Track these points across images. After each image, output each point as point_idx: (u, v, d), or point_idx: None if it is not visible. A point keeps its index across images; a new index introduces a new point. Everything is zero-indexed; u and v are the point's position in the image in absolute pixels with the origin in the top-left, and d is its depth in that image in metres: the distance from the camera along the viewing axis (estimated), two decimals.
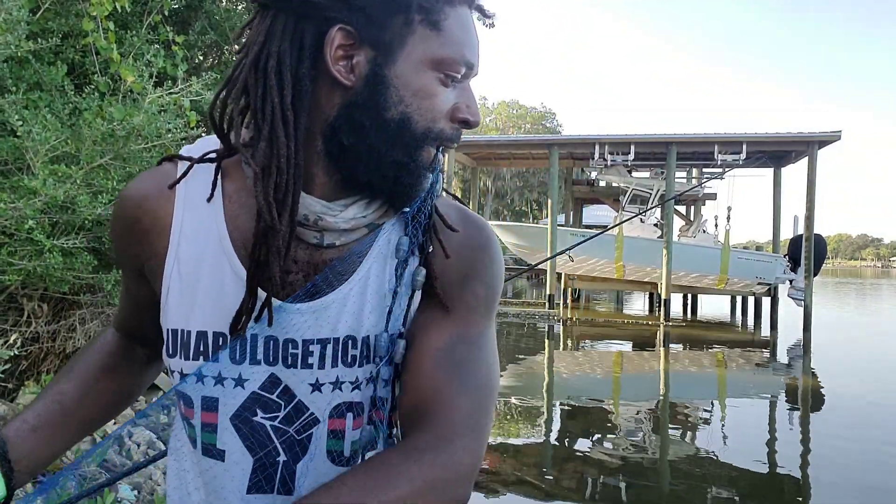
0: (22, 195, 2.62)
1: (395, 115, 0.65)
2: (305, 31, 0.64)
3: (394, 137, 0.65)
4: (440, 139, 0.68)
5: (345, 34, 0.64)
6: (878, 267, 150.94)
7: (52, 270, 2.89)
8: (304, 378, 0.71)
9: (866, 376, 9.88)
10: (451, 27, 0.66)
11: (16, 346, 2.96)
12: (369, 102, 0.65)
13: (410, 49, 0.65)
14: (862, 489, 5.05)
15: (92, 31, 2.96)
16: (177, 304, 0.70)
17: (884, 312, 23.17)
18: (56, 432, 0.80)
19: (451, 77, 0.67)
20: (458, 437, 0.64)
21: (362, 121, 0.65)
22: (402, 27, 0.64)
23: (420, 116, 0.66)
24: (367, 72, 0.64)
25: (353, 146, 0.66)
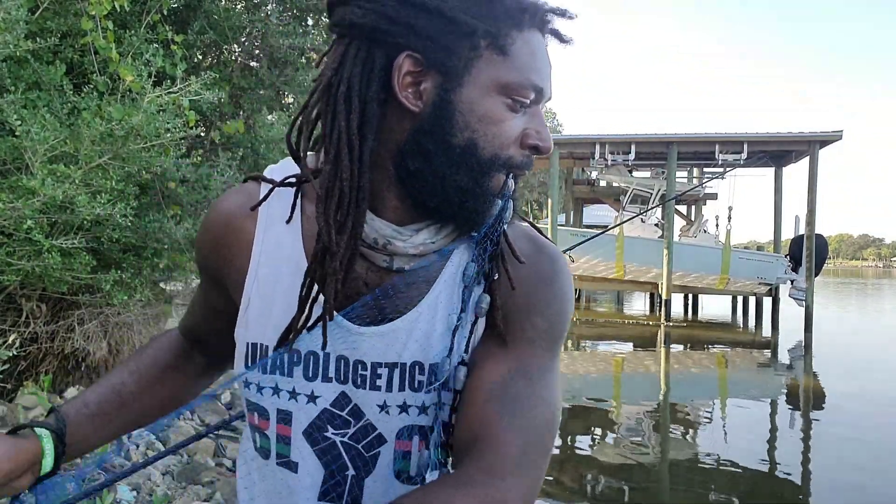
0: (20, 195, 2.61)
1: (461, 141, 0.65)
2: (375, 57, 0.65)
3: (459, 163, 0.65)
4: (509, 166, 0.68)
5: (413, 61, 0.64)
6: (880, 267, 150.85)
7: (50, 270, 2.88)
8: (372, 399, 0.72)
9: (867, 377, 9.87)
10: (518, 52, 0.66)
11: (14, 347, 2.95)
12: (436, 128, 0.65)
13: (477, 74, 0.65)
14: (862, 490, 5.04)
15: (91, 31, 2.95)
16: (256, 319, 0.73)
17: (885, 313, 23.15)
18: (110, 422, 0.84)
19: (520, 102, 0.66)
20: (509, 475, 0.63)
21: (428, 146, 0.65)
22: (468, 52, 0.64)
23: (486, 142, 0.66)
24: (434, 98, 0.65)
25: (420, 171, 0.66)
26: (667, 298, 15.11)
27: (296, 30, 4.42)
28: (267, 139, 4.01)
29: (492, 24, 0.64)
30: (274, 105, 4.55)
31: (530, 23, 0.67)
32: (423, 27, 0.63)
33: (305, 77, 4.39)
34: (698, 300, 19.04)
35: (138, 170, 3.06)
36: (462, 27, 0.63)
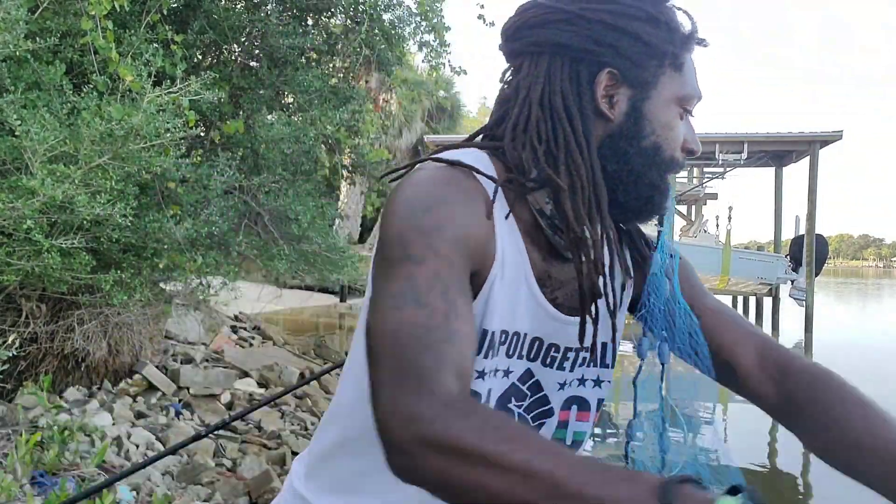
0: (20, 195, 2.61)
1: (649, 144, 0.78)
2: (581, 73, 0.77)
3: (650, 163, 0.78)
4: (677, 166, 0.81)
5: (611, 76, 0.77)
6: (880, 267, 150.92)
7: (50, 270, 2.88)
8: (555, 378, 0.83)
9: (868, 377, 9.87)
10: (688, 67, 0.80)
11: (14, 347, 2.95)
12: (630, 133, 0.77)
13: (661, 88, 0.78)
14: (862, 490, 5.04)
15: (90, 31, 2.95)
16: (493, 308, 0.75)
17: (886, 313, 23.15)
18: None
19: (687, 111, 0.81)
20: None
21: (626, 148, 0.77)
22: (656, 69, 0.78)
23: (667, 145, 0.79)
24: (626, 107, 0.77)
25: (617, 171, 0.78)
26: None
27: (296, 30, 4.42)
28: (267, 139, 4.01)
29: (673, 47, 0.78)
30: (274, 105, 4.55)
31: (693, 45, 0.81)
32: (624, 49, 0.76)
33: (305, 77, 4.39)
34: None
35: (138, 170, 3.05)
36: (655, 50, 0.77)
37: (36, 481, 2.71)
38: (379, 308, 0.64)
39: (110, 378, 4.25)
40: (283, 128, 3.94)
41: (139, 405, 4.15)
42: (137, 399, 4.23)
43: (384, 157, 5.55)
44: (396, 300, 0.63)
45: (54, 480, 2.73)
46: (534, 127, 0.76)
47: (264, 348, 6.90)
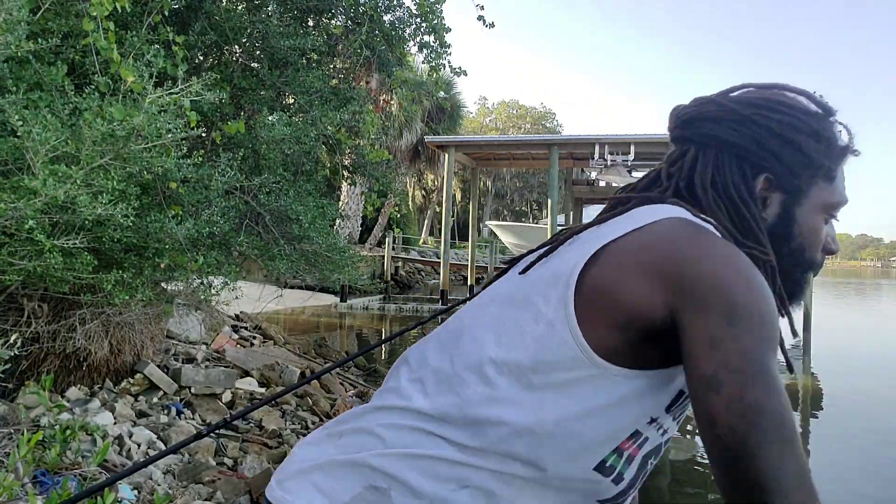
0: (22, 195, 2.61)
1: (795, 245, 0.85)
2: (745, 170, 0.84)
3: (795, 262, 0.86)
4: (817, 267, 0.88)
5: (767, 181, 0.84)
6: (878, 267, 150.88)
7: (52, 270, 2.89)
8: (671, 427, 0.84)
9: (866, 376, 9.88)
10: (839, 178, 0.86)
11: (16, 347, 2.96)
12: (779, 234, 0.84)
13: (812, 196, 0.84)
14: (862, 490, 5.05)
15: (92, 32, 2.95)
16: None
17: (884, 312, 23.16)
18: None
19: (833, 217, 0.87)
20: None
21: (777, 247, 0.84)
22: (808, 179, 0.84)
23: (810, 247, 0.86)
24: (777, 210, 0.84)
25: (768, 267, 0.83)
26: None
27: (296, 31, 4.43)
28: (267, 139, 4.01)
29: (829, 161, 0.84)
30: (275, 105, 4.56)
31: (847, 158, 0.86)
32: (785, 157, 0.83)
33: (306, 77, 4.40)
34: None
35: (140, 170, 3.06)
36: (813, 162, 0.83)
37: (38, 480, 2.72)
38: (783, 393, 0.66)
39: (112, 377, 4.26)
40: (283, 128, 3.95)
41: (140, 404, 4.16)
42: (139, 398, 4.25)
43: (385, 157, 5.56)
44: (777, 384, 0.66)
45: (56, 479, 2.74)
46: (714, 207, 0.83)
47: (265, 348, 6.91)
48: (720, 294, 0.68)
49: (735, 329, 0.66)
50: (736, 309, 0.67)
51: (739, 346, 0.66)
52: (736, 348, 0.66)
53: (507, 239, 18.56)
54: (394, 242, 23.90)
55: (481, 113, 45.51)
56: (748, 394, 0.64)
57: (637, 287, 0.72)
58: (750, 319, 0.67)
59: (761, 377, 0.65)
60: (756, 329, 0.67)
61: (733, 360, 0.65)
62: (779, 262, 0.83)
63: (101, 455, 2.96)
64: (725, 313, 0.67)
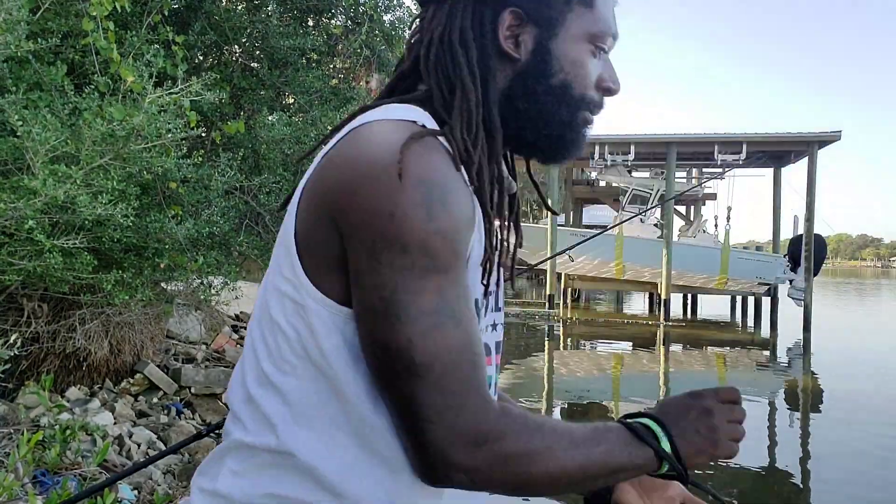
0: (22, 195, 2.61)
1: (558, 82, 0.76)
2: (483, 13, 0.75)
3: (560, 100, 0.77)
4: (591, 104, 0.80)
5: (514, 15, 0.75)
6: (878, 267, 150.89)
7: (52, 270, 2.88)
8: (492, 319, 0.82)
9: (866, 376, 9.88)
10: (600, 4, 0.78)
11: (16, 347, 2.95)
12: (537, 72, 0.76)
13: (569, 25, 0.76)
14: (862, 489, 5.05)
15: (92, 31, 2.95)
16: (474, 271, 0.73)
17: (884, 312, 23.16)
18: None
19: (601, 48, 0.79)
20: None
21: (534, 87, 0.76)
22: (562, 6, 0.76)
23: (577, 83, 0.77)
24: (532, 46, 0.76)
25: (527, 110, 0.76)
26: (666, 298, 15.12)
27: (296, 31, 4.42)
28: (267, 139, 4.01)
29: None
30: (274, 105, 4.56)
31: None
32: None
33: (306, 77, 4.40)
34: (697, 300, 19.04)
35: (139, 170, 3.06)
36: None
37: (38, 480, 2.72)
38: (416, 326, 0.61)
39: (112, 377, 4.26)
40: (283, 128, 3.95)
41: (140, 404, 4.16)
42: (139, 398, 4.24)
43: None
44: (436, 318, 0.62)
45: (56, 479, 2.74)
46: (432, 65, 0.75)
47: None
48: (366, 224, 0.62)
49: (374, 262, 0.62)
50: (378, 240, 0.62)
51: (375, 282, 0.62)
52: (372, 284, 0.62)
53: None
54: None
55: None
56: (378, 332, 0.62)
57: (318, 231, 0.67)
58: (390, 251, 0.61)
59: (392, 314, 0.61)
60: (397, 260, 0.61)
61: (368, 298, 0.63)
62: (540, 102, 0.76)
63: (101, 455, 2.96)
64: (367, 246, 0.62)
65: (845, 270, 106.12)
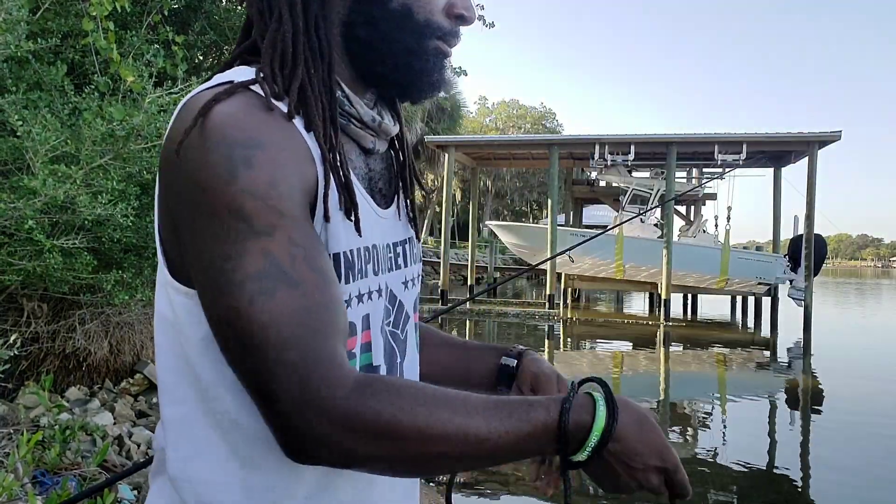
0: (22, 195, 2.61)
1: (398, 6, 0.71)
2: None
3: (401, 26, 0.71)
4: (440, 31, 0.73)
5: None
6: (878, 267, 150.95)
7: (51, 270, 2.89)
8: (399, 279, 0.78)
9: (866, 376, 9.88)
10: None
11: (16, 347, 2.96)
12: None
13: None
14: (861, 489, 5.05)
15: (92, 31, 2.95)
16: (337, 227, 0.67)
17: (884, 312, 23.17)
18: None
19: None
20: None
21: (372, 12, 0.71)
22: None
23: (419, 8, 0.71)
24: None
25: (368, 37, 0.71)
26: (666, 298, 15.12)
27: None
28: None
29: None
30: None
31: None
32: None
33: None
34: (697, 300, 19.05)
35: (139, 170, 3.06)
36: None
37: (37, 480, 2.71)
38: (241, 294, 0.56)
39: (111, 377, 4.26)
40: None
41: (140, 404, 4.16)
42: (139, 398, 4.24)
43: None
44: (263, 283, 0.57)
45: (56, 480, 2.74)
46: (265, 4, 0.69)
47: None
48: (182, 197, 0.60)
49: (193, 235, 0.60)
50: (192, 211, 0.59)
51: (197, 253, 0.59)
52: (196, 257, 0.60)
53: (507, 239, 18.54)
54: None
55: (481, 113, 45.53)
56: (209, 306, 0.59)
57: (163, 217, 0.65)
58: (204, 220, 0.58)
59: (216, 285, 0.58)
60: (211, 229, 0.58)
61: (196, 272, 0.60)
62: (380, 28, 0.70)
63: (100, 455, 2.96)
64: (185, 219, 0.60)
65: (845, 270, 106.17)
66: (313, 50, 0.68)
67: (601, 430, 0.61)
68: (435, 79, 0.74)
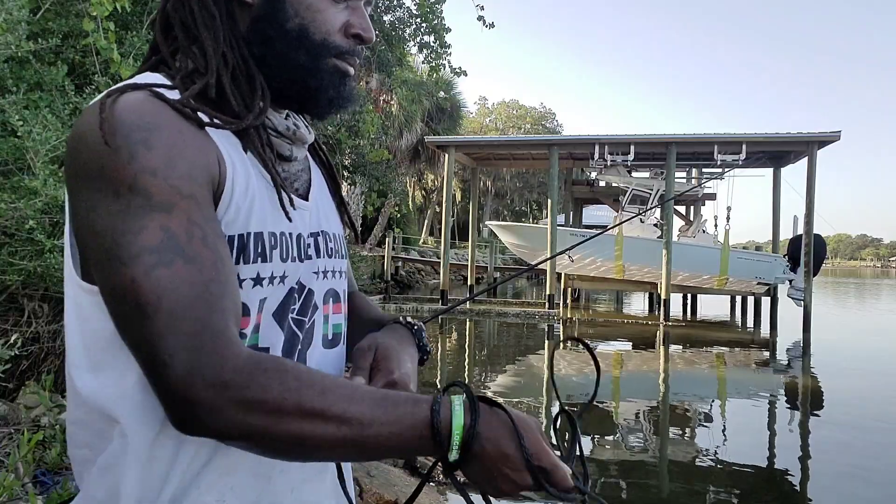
0: (22, 195, 2.62)
1: (294, 26, 0.74)
2: None
3: (297, 45, 0.74)
4: (337, 50, 0.77)
5: None
6: (878, 267, 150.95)
7: (52, 270, 2.89)
8: (311, 269, 0.80)
9: (866, 376, 9.89)
10: None
11: (16, 346, 2.96)
12: (268, 16, 0.74)
13: None
14: (861, 489, 5.06)
15: (92, 32, 2.96)
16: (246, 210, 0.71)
17: (883, 312, 23.18)
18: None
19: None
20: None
21: (268, 31, 0.74)
22: None
23: (315, 28, 0.75)
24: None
25: (264, 55, 0.75)
26: (666, 298, 15.12)
27: None
28: None
29: None
30: None
31: None
32: None
33: None
34: (697, 300, 19.05)
35: None
36: None
37: (38, 480, 2.72)
38: (138, 264, 0.59)
39: None
40: None
41: None
42: None
43: (385, 157, 5.57)
44: (161, 256, 0.59)
45: (56, 479, 2.74)
46: (175, 20, 0.74)
47: None
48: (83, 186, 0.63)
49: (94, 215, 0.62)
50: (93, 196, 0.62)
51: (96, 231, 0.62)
52: (94, 235, 0.62)
53: (507, 239, 18.55)
54: (394, 242, 23.90)
55: (481, 113, 45.52)
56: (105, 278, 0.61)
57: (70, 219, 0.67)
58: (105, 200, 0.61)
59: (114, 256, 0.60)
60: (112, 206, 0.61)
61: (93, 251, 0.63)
62: (275, 47, 0.74)
63: None
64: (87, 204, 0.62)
65: (845, 270, 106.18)
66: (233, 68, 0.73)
67: (461, 427, 0.62)
68: (332, 95, 0.77)
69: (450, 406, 0.63)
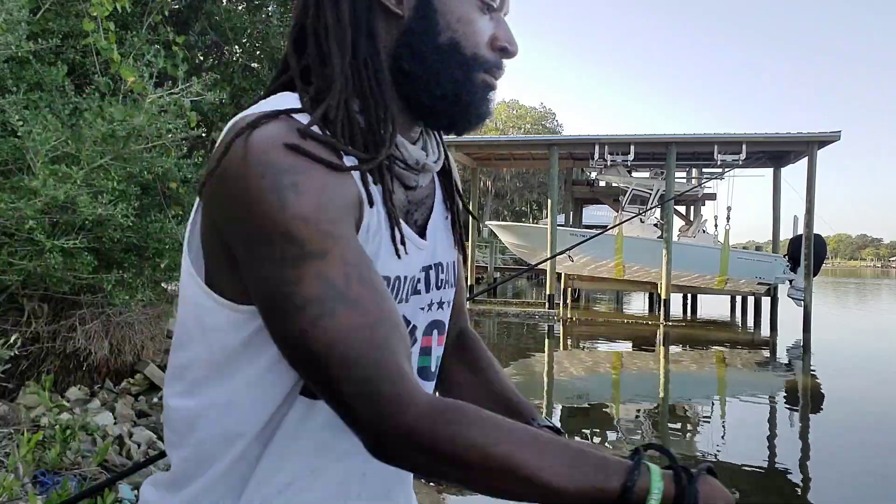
0: (22, 195, 2.62)
1: (446, 40, 0.71)
2: None
3: (449, 59, 0.71)
4: (487, 64, 0.73)
5: None
6: (878, 267, 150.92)
7: (52, 270, 2.89)
8: (418, 303, 0.78)
9: (866, 376, 9.89)
10: None
11: (16, 347, 2.96)
12: (421, 29, 0.71)
13: None
14: (860, 488, 5.06)
15: (92, 32, 2.96)
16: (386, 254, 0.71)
17: (883, 312, 23.17)
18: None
19: (488, 5, 0.73)
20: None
21: (419, 46, 0.71)
22: None
23: (467, 41, 0.72)
24: (415, 2, 0.71)
25: (415, 71, 0.71)
26: (666, 298, 15.12)
27: None
28: None
29: None
30: None
31: None
32: None
33: None
34: (697, 300, 19.05)
35: (140, 170, 3.07)
36: None
37: (38, 480, 2.72)
38: (303, 317, 0.59)
39: (112, 377, 4.26)
40: None
41: (141, 404, 4.16)
42: (139, 398, 4.25)
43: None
44: (323, 306, 0.59)
45: (56, 479, 2.74)
46: (296, 30, 0.72)
47: None
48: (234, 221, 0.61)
49: (250, 257, 0.61)
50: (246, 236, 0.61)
51: (257, 277, 0.61)
52: (254, 279, 0.61)
53: (507, 239, 18.55)
54: None
55: None
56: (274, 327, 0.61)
57: (204, 226, 0.67)
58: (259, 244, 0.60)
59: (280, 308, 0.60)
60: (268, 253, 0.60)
61: (257, 294, 0.62)
62: (427, 61, 0.70)
63: (101, 455, 2.96)
64: (242, 241, 0.61)
65: (845, 270, 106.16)
66: (365, 85, 0.69)
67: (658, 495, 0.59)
68: (483, 110, 0.75)
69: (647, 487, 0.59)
